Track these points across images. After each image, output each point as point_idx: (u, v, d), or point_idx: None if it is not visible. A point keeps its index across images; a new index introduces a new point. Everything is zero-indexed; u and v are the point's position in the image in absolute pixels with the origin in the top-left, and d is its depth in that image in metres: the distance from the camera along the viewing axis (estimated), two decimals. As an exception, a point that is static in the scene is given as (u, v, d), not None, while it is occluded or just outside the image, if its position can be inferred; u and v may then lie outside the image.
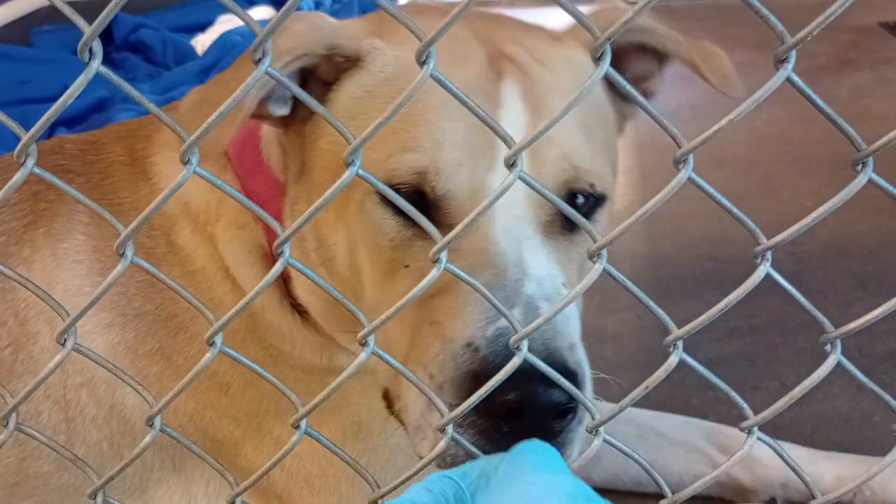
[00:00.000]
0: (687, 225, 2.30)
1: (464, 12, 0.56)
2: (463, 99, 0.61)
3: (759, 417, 0.71)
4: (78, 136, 1.28)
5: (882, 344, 1.79)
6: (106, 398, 1.12)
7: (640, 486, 1.46)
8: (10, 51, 3.09)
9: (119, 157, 1.20)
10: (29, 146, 0.60)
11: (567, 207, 0.67)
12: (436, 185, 0.91)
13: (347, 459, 0.78)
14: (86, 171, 1.19)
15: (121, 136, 1.24)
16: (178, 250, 1.12)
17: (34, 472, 1.13)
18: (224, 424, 1.12)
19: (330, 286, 0.70)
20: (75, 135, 1.29)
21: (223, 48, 2.96)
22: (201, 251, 1.13)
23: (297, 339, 1.12)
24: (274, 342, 1.12)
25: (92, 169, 1.19)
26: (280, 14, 0.56)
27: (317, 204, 0.63)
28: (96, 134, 1.28)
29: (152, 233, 1.13)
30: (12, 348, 1.11)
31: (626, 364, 1.82)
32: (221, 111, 0.58)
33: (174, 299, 1.11)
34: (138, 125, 1.26)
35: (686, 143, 0.60)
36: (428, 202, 0.91)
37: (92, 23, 0.55)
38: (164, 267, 1.10)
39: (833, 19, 0.55)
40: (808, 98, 0.59)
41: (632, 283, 0.66)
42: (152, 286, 1.11)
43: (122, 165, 1.19)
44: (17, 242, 1.14)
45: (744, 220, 0.63)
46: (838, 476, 1.37)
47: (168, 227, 1.13)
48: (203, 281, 1.12)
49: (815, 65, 3.42)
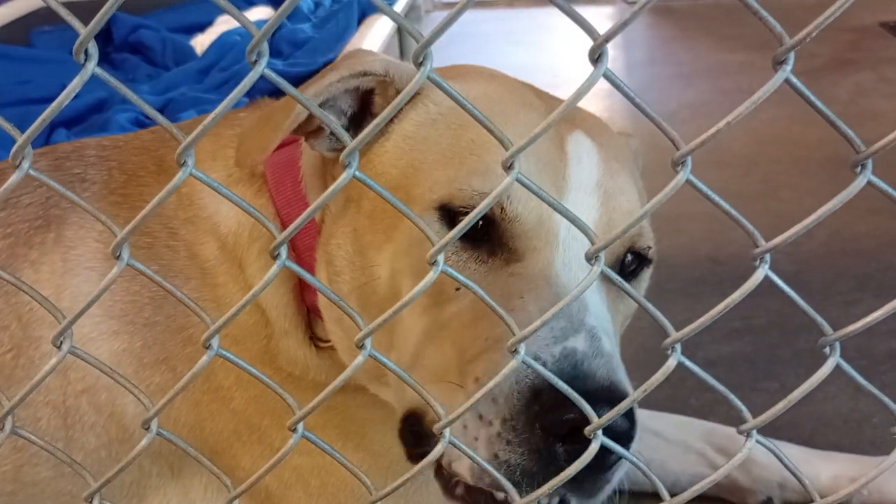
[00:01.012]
0: (685, 226, 2.30)
1: (464, 10, 0.55)
2: (469, 108, 0.60)
3: (757, 420, 0.71)
4: (100, 141, 1.27)
5: (882, 345, 1.79)
6: (106, 406, 1.11)
7: (637, 486, 1.45)
8: (9, 51, 3.08)
9: (146, 166, 1.20)
10: (24, 148, 0.60)
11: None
12: (506, 207, 0.91)
13: (344, 462, 0.78)
14: (101, 179, 1.18)
15: (148, 146, 1.24)
16: (202, 263, 1.12)
17: (31, 479, 1.12)
18: (224, 437, 1.12)
19: (333, 293, 0.70)
20: (97, 139, 1.29)
21: (222, 48, 2.96)
22: (224, 270, 1.12)
23: (311, 366, 1.13)
24: (285, 366, 1.12)
25: (110, 176, 1.19)
26: (277, 14, 0.56)
27: (317, 202, 0.62)
28: (121, 139, 1.28)
29: (172, 243, 1.13)
30: (14, 353, 1.11)
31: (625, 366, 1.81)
32: (207, 124, 0.58)
33: (185, 312, 1.10)
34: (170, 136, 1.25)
35: (684, 145, 0.60)
36: (494, 223, 0.92)
37: (91, 23, 0.55)
38: (179, 279, 1.10)
39: (833, 20, 0.55)
40: (807, 100, 0.59)
41: (629, 286, 0.66)
42: (164, 297, 1.11)
43: (148, 174, 1.19)
44: (25, 245, 1.13)
45: (742, 222, 0.63)
46: (834, 476, 1.37)
47: (192, 239, 1.13)
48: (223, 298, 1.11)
49: (815, 65, 3.43)
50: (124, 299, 1.11)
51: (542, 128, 0.60)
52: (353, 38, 2.87)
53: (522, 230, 0.91)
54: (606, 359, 0.83)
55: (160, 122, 0.60)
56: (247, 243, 1.12)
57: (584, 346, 0.83)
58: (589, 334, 0.84)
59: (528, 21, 4.52)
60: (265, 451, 1.11)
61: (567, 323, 0.84)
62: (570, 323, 0.84)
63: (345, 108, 1.01)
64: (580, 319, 0.85)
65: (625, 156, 1.08)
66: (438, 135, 0.98)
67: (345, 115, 1.02)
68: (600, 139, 1.03)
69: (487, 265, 0.93)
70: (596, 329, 0.85)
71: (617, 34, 0.56)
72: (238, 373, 1.10)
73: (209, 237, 1.13)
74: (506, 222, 0.92)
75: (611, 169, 1.00)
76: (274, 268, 0.63)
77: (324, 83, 0.95)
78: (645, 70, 3.69)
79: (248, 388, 1.11)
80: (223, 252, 1.12)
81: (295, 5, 0.57)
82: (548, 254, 0.91)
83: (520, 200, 0.91)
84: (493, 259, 0.93)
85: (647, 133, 1.54)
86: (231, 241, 1.12)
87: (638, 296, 0.66)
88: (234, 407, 1.11)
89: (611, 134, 1.10)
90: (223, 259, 1.12)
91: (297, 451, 0.76)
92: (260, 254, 1.11)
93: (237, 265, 1.12)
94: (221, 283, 1.11)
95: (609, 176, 0.99)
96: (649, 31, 4.20)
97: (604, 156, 1.00)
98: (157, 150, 1.22)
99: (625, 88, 0.59)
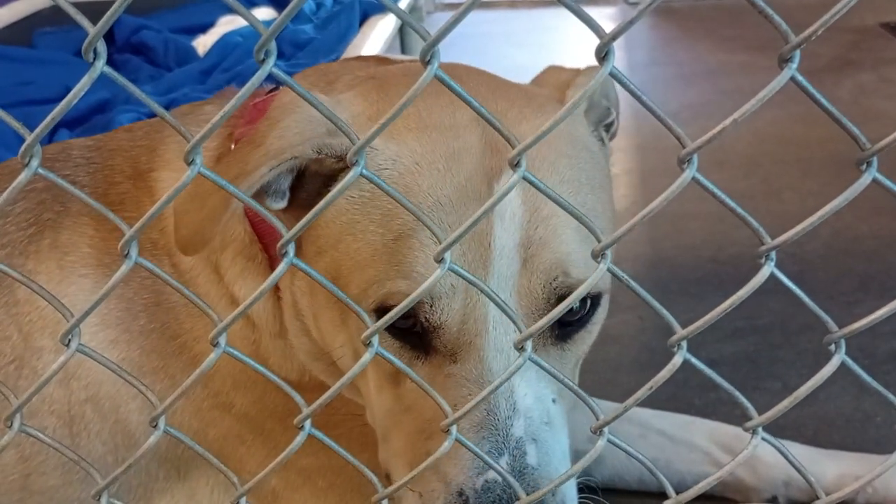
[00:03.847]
0: (688, 226, 2.30)
1: (471, 9, 0.56)
2: (473, 104, 0.61)
3: (763, 418, 0.71)
4: (83, 141, 1.27)
5: (885, 344, 1.80)
6: (111, 413, 1.11)
7: (643, 485, 1.46)
8: (12, 52, 3.08)
9: (122, 169, 1.19)
10: (33, 147, 0.60)
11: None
12: (430, 317, 0.90)
13: (351, 459, 0.78)
14: (90, 183, 1.18)
15: (123, 146, 1.22)
16: (183, 273, 1.11)
17: (39, 487, 1.13)
18: (229, 442, 1.12)
19: (334, 287, 0.70)
20: (80, 140, 1.28)
21: (225, 49, 2.96)
22: (203, 278, 1.11)
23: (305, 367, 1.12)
24: (277, 370, 1.12)
25: (95, 179, 1.18)
26: (284, 14, 0.56)
27: (321, 204, 0.63)
28: (101, 140, 1.27)
29: (156, 252, 1.12)
30: (16, 364, 1.11)
31: (628, 365, 1.82)
32: (215, 122, 0.58)
33: (178, 319, 1.10)
34: (143, 134, 1.24)
35: (690, 143, 0.60)
36: (425, 329, 0.91)
37: (94, 23, 0.55)
38: (166, 290, 1.10)
39: (835, 19, 0.55)
40: (813, 98, 0.59)
41: (636, 284, 0.66)
42: (157, 304, 1.11)
43: (125, 179, 1.18)
44: (22, 254, 1.13)
45: (748, 219, 0.63)
46: (839, 474, 1.38)
47: (171, 249, 1.12)
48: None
49: (817, 65, 3.43)
50: (119, 307, 1.11)
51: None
52: (354, 39, 2.87)
53: (450, 333, 0.90)
54: (529, 476, 0.88)
55: (168, 121, 0.60)
56: (219, 248, 1.10)
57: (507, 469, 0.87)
58: (511, 455, 0.88)
59: (530, 22, 4.52)
60: (270, 454, 1.11)
61: (491, 445, 0.88)
62: (495, 443, 0.88)
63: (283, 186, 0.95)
64: (505, 434, 0.88)
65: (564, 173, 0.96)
66: (369, 220, 0.93)
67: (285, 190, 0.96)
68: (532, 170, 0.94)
69: (427, 361, 0.93)
70: (522, 441, 0.88)
71: (623, 32, 0.57)
72: (235, 377, 1.10)
73: None
74: (432, 330, 0.91)
75: (539, 215, 0.91)
76: (282, 265, 0.64)
77: (255, 176, 0.88)
78: (646, 71, 3.70)
79: (247, 391, 1.11)
80: (199, 259, 1.11)
81: (302, 5, 0.57)
82: (478, 344, 0.90)
83: (442, 309, 0.89)
84: (431, 357, 0.93)
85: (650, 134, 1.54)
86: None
87: (645, 294, 0.66)
88: (235, 411, 1.12)
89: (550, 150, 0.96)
90: (201, 267, 1.12)
91: (303, 451, 0.77)
92: (234, 259, 1.10)
93: (214, 271, 1.11)
94: (203, 291, 1.11)
95: (534, 226, 0.91)
96: (650, 32, 4.20)
97: (531, 201, 0.91)
98: (131, 150, 1.21)
99: (631, 86, 0.60)
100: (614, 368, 1.80)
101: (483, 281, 0.87)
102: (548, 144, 0.95)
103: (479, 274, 0.89)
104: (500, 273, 0.90)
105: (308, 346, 1.09)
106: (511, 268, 0.90)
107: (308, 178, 0.95)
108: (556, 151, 0.96)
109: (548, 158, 0.95)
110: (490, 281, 0.89)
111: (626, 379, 1.77)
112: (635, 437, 1.46)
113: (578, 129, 1.03)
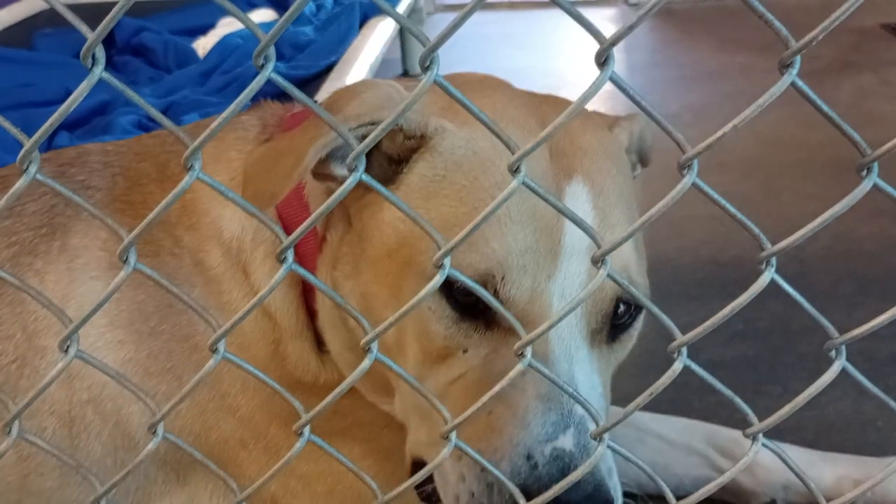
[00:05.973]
0: (688, 228, 2.30)
1: (472, 13, 0.56)
2: (471, 108, 0.60)
3: (763, 424, 0.71)
4: (103, 146, 1.27)
5: (886, 348, 1.79)
6: (112, 415, 1.11)
7: (641, 488, 1.45)
8: (11, 54, 3.08)
9: (148, 172, 1.19)
10: (32, 153, 0.60)
11: None
12: (500, 290, 0.92)
13: (351, 467, 0.78)
14: (105, 186, 1.18)
15: (152, 151, 1.23)
16: (206, 270, 1.12)
17: (37, 488, 1.12)
18: (230, 446, 1.11)
19: (339, 296, 0.70)
20: (99, 145, 1.28)
21: (225, 51, 2.96)
22: (229, 277, 1.12)
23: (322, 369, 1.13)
24: (294, 371, 1.12)
25: (111, 182, 1.18)
26: (284, 18, 0.56)
27: (324, 205, 0.62)
28: (124, 145, 1.27)
29: (177, 251, 1.12)
30: (18, 363, 1.10)
31: (628, 368, 1.81)
32: (224, 116, 0.58)
33: (191, 320, 1.10)
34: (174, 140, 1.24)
35: (690, 148, 0.60)
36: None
37: (94, 26, 0.55)
38: (184, 287, 1.10)
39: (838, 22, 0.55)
40: (813, 103, 0.59)
41: (635, 289, 0.66)
42: (170, 306, 1.10)
43: (150, 181, 1.18)
44: (30, 253, 1.13)
45: (748, 225, 0.63)
46: (838, 477, 1.37)
47: (196, 247, 1.12)
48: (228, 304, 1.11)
49: (817, 67, 3.43)
50: (129, 308, 1.11)
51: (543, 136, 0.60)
52: (354, 41, 2.87)
53: (516, 311, 0.92)
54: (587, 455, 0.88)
55: (167, 126, 0.60)
56: (250, 248, 1.12)
57: (571, 445, 0.87)
58: (577, 430, 0.89)
59: (530, 24, 4.52)
60: (271, 461, 1.10)
61: (558, 416, 0.88)
62: (561, 416, 0.89)
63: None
64: (569, 410, 0.90)
65: (621, 188, 1.04)
66: (443, 195, 0.97)
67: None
68: (599, 180, 1.01)
69: (486, 335, 0.95)
70: (584, 419, 0.89)
71: (623, 38, 0.56)
72: (244, 379, 1.10)
73: (212, 243, 1.13)
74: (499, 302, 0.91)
75: (608, 222, 0.99)
76: (281, 271, 0.63)
77: (331, 136, 0.93)
78: (646, 73, 3.69)
79: (254, 394, 1.10)
80: (227, 258, 1.12)
81: (303, 8, 0.57)
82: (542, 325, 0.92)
83: (512, 283, 0.92)
84: (490, 331, 0.95)
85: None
86: (235, 247, 1.12)
87: (645, 301, 0.66)
88: (240, 415, 1.11)
89: (609, 163, 1.05)
90: (227, 265, 1.12)
91: (303, 458, 0.77)
92: (264, 258, 1.11)
93: (242, 271, 1.11)
94: (227, 289, 1.11)
95: (604, 232, 0.98)
96: (650, 34, 4.20)
97: (601, 207, 0.99)
98: (160, 155, 1.22)
99: (630, 92, 0.59)
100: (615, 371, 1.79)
101: (549, 275, 0.93)
102: (610, 160, 1.05)
103: (546, 267, 0.93)
104: (568, 270, 0.94)
105: (344, 336, 1.09)
106: (580, 266, 0.95)
107: (375, 157, 0.99)
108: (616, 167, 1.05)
109: (610, 173, 1.03)
110: (557, 276, 0.94)
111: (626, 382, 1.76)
112: (633, 441, 1.46)
113: (624, 157, 1.13)
